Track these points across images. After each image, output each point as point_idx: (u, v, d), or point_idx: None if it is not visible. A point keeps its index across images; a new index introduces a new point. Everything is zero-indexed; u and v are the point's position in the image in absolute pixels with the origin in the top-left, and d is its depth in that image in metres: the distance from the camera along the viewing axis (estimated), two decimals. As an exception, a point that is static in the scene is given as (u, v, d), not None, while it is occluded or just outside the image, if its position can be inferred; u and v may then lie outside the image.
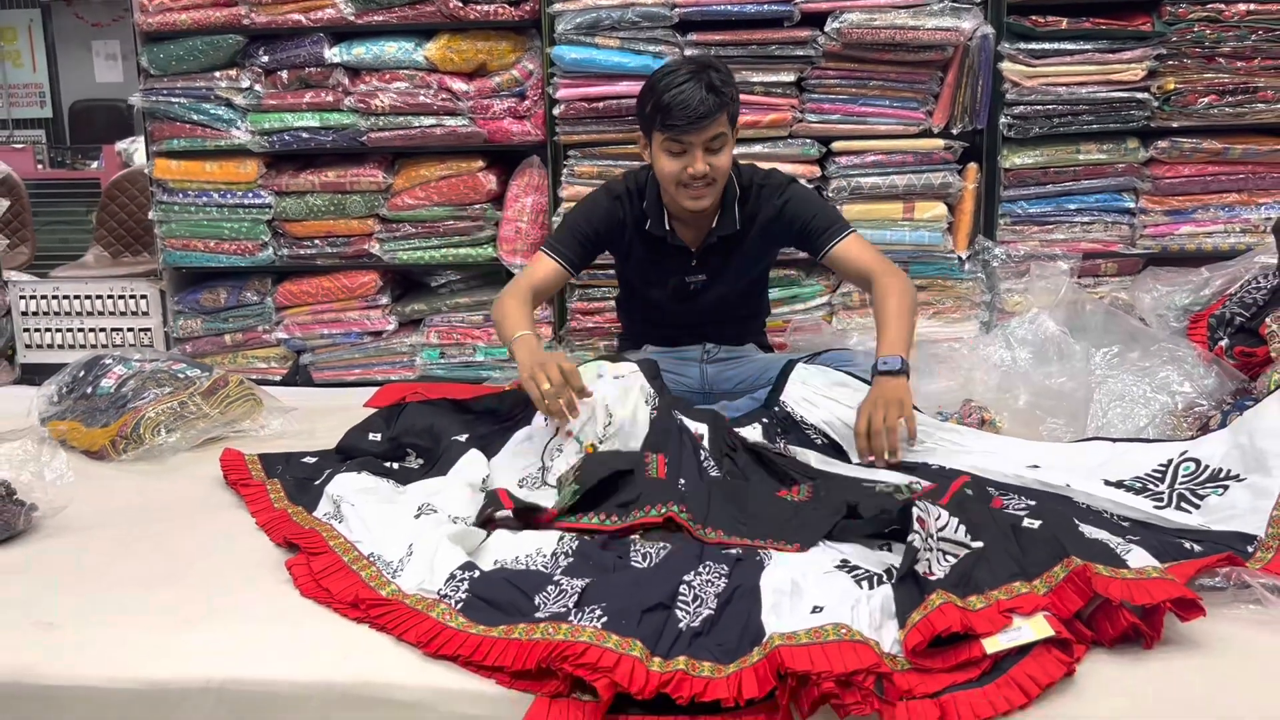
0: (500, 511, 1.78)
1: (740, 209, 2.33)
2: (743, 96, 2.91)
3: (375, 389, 2.70)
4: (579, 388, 1.99)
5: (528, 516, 1.80)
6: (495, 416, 2.27)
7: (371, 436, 2.20)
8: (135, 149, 5.57)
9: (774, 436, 2.12)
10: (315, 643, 1.48)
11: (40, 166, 6.24)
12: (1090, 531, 1.62)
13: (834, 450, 2.10)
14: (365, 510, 1.80)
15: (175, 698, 1.40)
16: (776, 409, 2.18)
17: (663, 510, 1.73)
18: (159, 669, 1.43)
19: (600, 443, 1.98)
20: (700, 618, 1.42)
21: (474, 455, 2.04)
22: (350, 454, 2.14)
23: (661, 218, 2.33)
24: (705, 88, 2.12)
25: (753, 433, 2.10)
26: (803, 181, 2.95)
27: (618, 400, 2.03)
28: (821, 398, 2.16)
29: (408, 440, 2.17)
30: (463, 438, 2.14)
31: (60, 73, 7.29)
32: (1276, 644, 1.41)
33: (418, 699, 1.38)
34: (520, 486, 1.97)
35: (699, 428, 2.04)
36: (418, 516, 1.76)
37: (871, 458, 2.02)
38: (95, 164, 6.15)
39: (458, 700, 1.37)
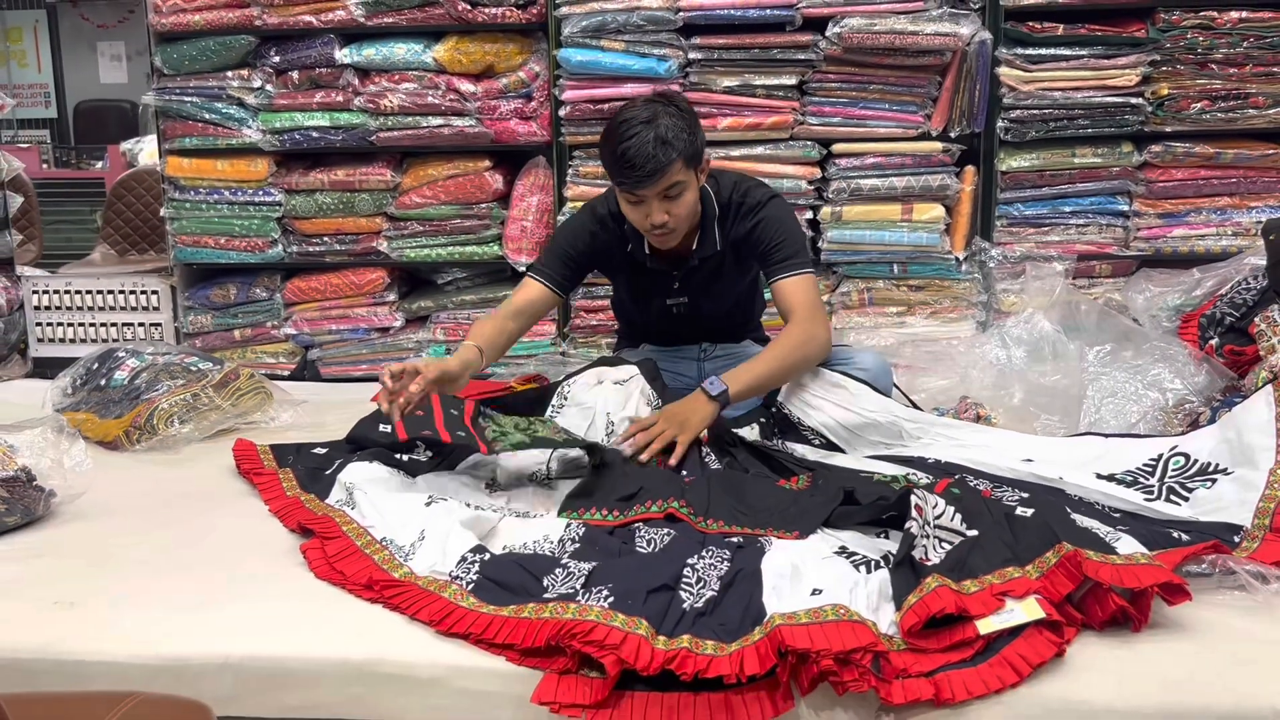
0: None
1: (720, 229, 2.26)
2: (745, 100, 2.98)
3: (382, 384, 2.73)
4: (411, 372, 1.90)
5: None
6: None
7: (382, 428, 2.21)
8: (140, 149, 5.58)
9: (771, 436, 2.16)
10: (330, 622, 1.52)
11: (45, 166, 6.26)
12: (1081, 520, 1.66)
13: (831, 451, 2.12)
14: (377, 497, 1.84)
15: (195, 672, 1.44)
16: (774, 410, 2.20)
17: (664, 506, 1.77)
18: (179, 646, 1.47)
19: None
20: (703, 599, 1.46)
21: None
22: (361, 444, 2.17)
23: (642, 242, 2.26)
24: (654, 140, 2.01)
25: (750, 433, 2.14)
26: (803, 184, 3.02)
27: (618, 406, 2.06)
28: (819, 399, 2.17)
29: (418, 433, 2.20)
30: None
31: (65, 73, 7.32)
32: (1259, 628, 1.45)
33: (430, 675, 1.42)
34: (531, 481, 2.00)
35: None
36: (429, 505, 1.80)
37: (628, 443, 2.03)
38: (100, 164, 6.17)
39: (469, 676, 1.41)
